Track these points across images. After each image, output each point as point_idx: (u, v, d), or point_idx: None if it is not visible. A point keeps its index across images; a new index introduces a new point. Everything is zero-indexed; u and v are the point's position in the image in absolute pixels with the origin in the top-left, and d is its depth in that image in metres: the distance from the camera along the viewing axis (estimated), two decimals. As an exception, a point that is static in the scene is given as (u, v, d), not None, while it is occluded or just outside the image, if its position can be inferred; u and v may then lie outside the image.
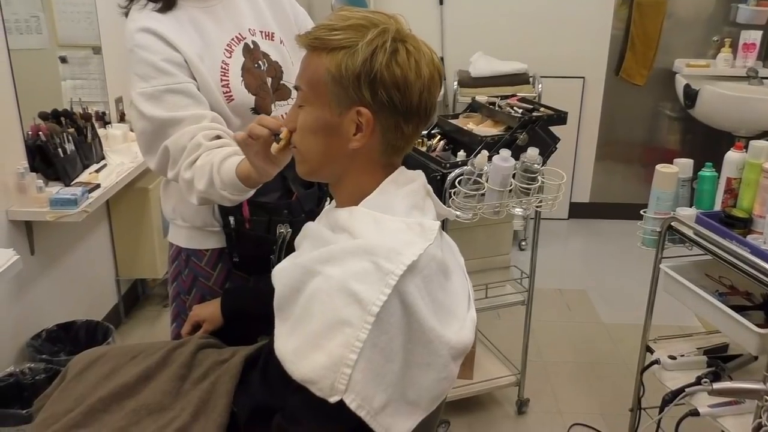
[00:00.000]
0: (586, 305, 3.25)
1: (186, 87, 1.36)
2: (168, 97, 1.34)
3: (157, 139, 1.37)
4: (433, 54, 1.04)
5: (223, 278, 1.55)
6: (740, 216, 1.76)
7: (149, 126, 1.36)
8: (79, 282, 2.59)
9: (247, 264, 1.53)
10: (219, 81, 1.41)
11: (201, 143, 1.32)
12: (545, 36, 3.88)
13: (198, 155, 1.32)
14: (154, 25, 1.36)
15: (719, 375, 1.81)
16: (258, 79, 1.46)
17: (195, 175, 1.32)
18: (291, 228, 1.48)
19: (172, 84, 1.35)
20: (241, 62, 1.44)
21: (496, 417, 2.45)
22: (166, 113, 1.34)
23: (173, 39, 1.36)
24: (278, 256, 1.49)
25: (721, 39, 3.85)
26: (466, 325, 1.07)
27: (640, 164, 4.14)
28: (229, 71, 1.42)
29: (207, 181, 1.30)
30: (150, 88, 1.34)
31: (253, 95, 1.45)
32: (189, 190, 1.35)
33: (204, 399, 1.23)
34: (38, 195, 2.13)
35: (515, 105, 2.26)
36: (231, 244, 1.51)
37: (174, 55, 1.36)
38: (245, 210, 1.47)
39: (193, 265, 1.56)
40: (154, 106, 1.34)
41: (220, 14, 1.45)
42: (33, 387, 2.03)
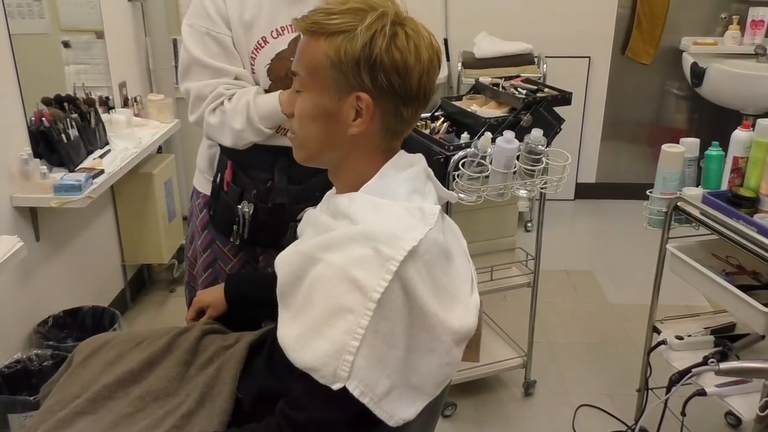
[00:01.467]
0: (592, 286, 3.24)
1: (223, 39, 1.49)
2: (206, 40, 1.49)
3: (187, 71, 1.52)
4: (432, 37, 1.03)
5: (204, 223, 1.72)
6: (747, 195, 1.74)
7: (186, 57, 1.52)
8: (85, 268, 2.60)
9: (217, 222, 1.66)
10: (249, 51, 1.52)
11: (222, 93, 1.49)
12: (550, 15, 3.83)
13: (221, 102, 1.49)
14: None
15: (726, 354, 1.81)
16: (284, 71, 1.52)
17: (226, 117, 1.48)
18: (255, 210, 1.57)
19: (211, 29, 1.49)
20: (280, 49, 1.51)
21: (503, 399, 2.45)
22: (200, 54, 1.49)
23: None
24: (240, 230, 1.60)
25: (729, 16, 3.79)
26: (469, 309, 1.07)
27: (646, 144, 4.11)
28: (263, 49, 1.51)
29: (244, 119, 1.47)
30: (196, 25, 1.50)
31: (271, 81, 1.52)
32: (220, 132, 1.51)
33: (209, 385, 1.24)
34: (42, 181, 2.13)
35: (519, 86, 2.24)
36: (212, 198, 1.66)
37: (222, 8, 1.48)
38: (228, 173, 1.58)
39: (193, 201, 1.76)
40: (195, 42, 1.50)
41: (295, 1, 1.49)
42: (40, 373, 2.05)
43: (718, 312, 2.09)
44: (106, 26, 2.74)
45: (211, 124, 1.52)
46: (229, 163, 1.59)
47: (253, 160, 1.57)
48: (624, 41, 3.91)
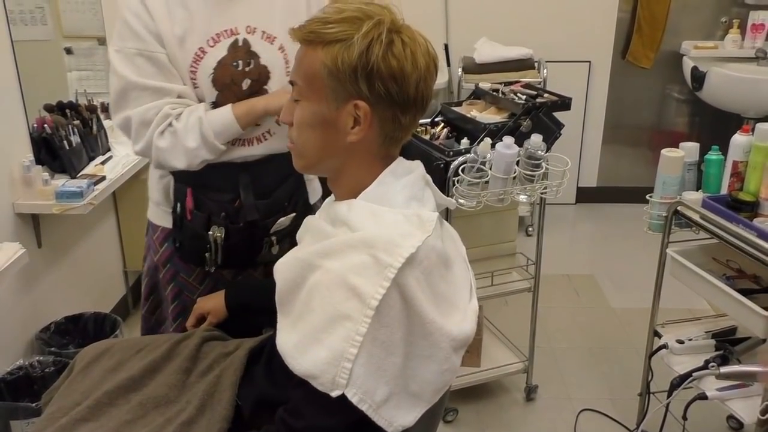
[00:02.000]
0: (594, 290, 3.24)
1: (157, 57, 1.39)
2: (138, 61, 1.38)
3: (123, 99, 1.41)
4: (428, 44, 1.03)
5: (165, 258, 1.61)
6: (747, 199, 1.74)
7: (118, 83, 1.40)
8: (87, 274, 2.61)
9: (186, 253, 1.56)
10: (189, 66, 1.42)
11: (169, 113, 1.39)
12: (550, 20, 3.84)
13: (169, 123, 1.40)
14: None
15: (727, 358, 1.81)
16: (229, 78, 1.44)
17: (179, 137, 1.39)
18: (227, 233, 1.49)
19: (143, 49, 1.38)
20: (220, 56, 1.42)
21: (505, 404, 2.45)
22: (135, 77, 1.39)
23: (155, 11, 1.38)
24: (213, 256, 1.51)
25: (729, 20, 3.79)
26: (467, 315, 1.07)
27: (647, 147, 4.11)
28: (203, 59, 1.42)
29: (198, 136, 1.39)
30: (124, 48, 1.39)
31: (217, 91, 1.44)
32: (171, 155, 1.41)
33: (209, 392, 1.24)
34: (44, 188, 2.14)
35: (519, 91, 2.24)
36: (175, 230, 1.55)
37: (151, 25, 1.38)
38: (189, 202, 1.49)
39: (150, 236, 1.65)
40: (126, 66, 1.39)
41: (220, 4, 1.42)
42: (42, 380, 2.05)
43: (719, 316, 2.09)
44: (108, 33, 2.74)
45: (161, 148, 1.41)
46: (188, 190, 1.49)
47: (213, 182, 1.48)
48: (624, 45, 3.91)
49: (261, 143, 1.51)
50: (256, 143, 1.51)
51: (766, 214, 1.70)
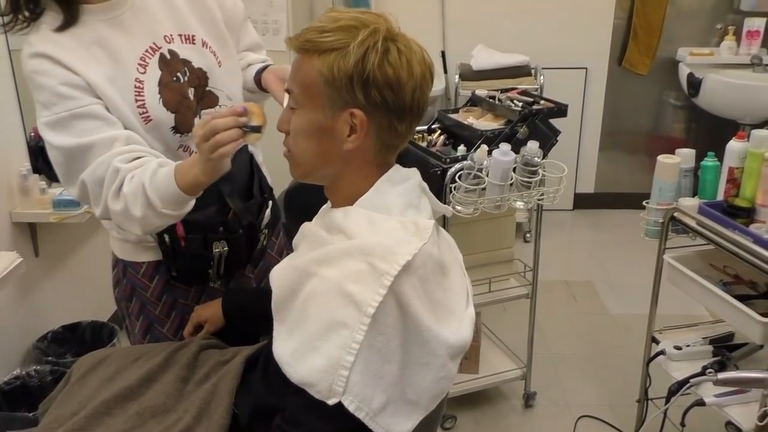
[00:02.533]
0: (592, 296, 3.24)
1: (91, 109, 1.25)
2: (74, 123, 1.24)
3: (72, 168, 1.27)
4: (424, 52, 1.04)
5: (160, 290, 1.49)
6: (743, 205, 1.75)
7: (60, 156, 1.26)
8: (85, 283, 2.60)
9: (185, 278, 1.48)
10: (134, 102, 1.30)
11: (119, 168, 1.23)
12: (547, 27, 3.86)
13: (121, 182, 1.23)
14: (50, 49, 1.23)
15: (725, 364, 1.81)
16: (178, 94, 1.35)
17: (127, 202, 1.23)
18: (228, 244, 1.44)
19: (75, 108, 1.24)
20: (157, 77, 1.32)
21: (503, 411, 2.45)
22: (75, 140, 1.24)
23: (71, 62, 1.24)
24: (216, 271, 1.47)
25: (725, 27, 3.81)
26: (464, 323, 1.07)
27: (644, 153, 4.12)
28: (144, 89, 1.31)
29: (143, 204, 1.22)
30: (53, 116, 1.24)
31: (173, 113, 1.35)
32: (127, 220, 1.26)
33: (206, 400, 1.24)
34: (41, 197, 2.14)
35: (515, 98, 2.25)
36: (168, 260, 1.45)
37: (73, 78, 1.24)
38: (179, 229, 1.40)
39: (130, 276, 1.50)
40: (60, 134, 1.24)
41: (129, 24, 1.31)
42: (40, 389, 2.04)
43: (716, 321, 2.09)
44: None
45: (116, 212, 1.25)
46: None
47: (197, 201, 1.32)
48: (621, 52, 3.93)
49: None
50: None
51: (762, 220, 1.70)
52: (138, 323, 1.54)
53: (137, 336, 1.55)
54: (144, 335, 1.54)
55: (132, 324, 1.55)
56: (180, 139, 1.38)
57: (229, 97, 1.45)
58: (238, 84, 1.50)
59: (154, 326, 1.53)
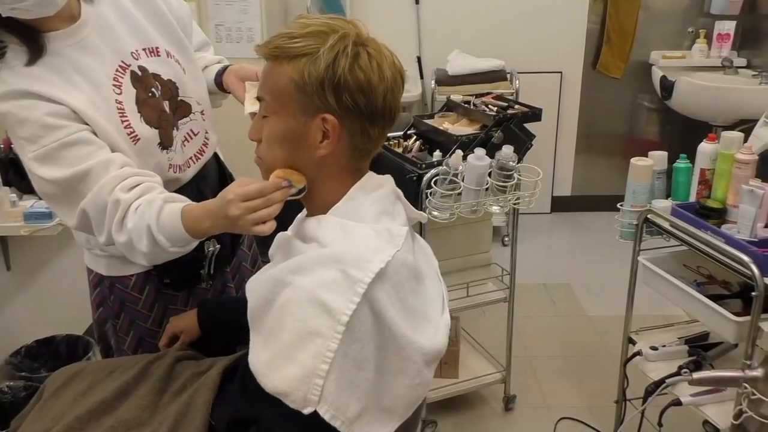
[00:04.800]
0: (570, 299, 3.26)
1: (80, 136, 1.21)
2: (65, 153, 1.20)
3: (69, 198, 1.23)
4: (394, 56, 1.04)
5: (151, 300, 1.48)
6: (714, 206, 1.77)
7: (55, 188, 1.22)
8: (59, 296, 2.56)
9: (178, 282, 1.48)
10: (120, 124, 1.28)
11: (120, 199, 1.20)
12: (521, 32, 3.89)
13: (123, 214, 1.21)
14: (27, 84, 1.19)
15: (700, 364, 1.83)
16: (157, 110, 1.35)
17: (132, 237, 1.20)
18: (219, 243, 1.47)
19: (64, 138, 1.20)
20: (133, 95, 1.31)
21: (484, 415, 2.45)
22: (69, 170, 1.20)
23: (53, 94, 1.20)
24: (208, 270, 1.49)
25: (696, 30, 3.87)
26: (439, 329, 1.07)
27: (620, 156, 4.15)
28: (125, 109, 1.29)
29: (149, 242, 1.20)
30: (41, 149, 1.19)
31: (156, 128, 1.34)
32: (132, 253, 1.24)
33: (182, 412, 1.22)
34: (12, 209, 2.10)
35: (490, 103, 2.26)
36: (159, 268, 1.42)
37: (58, 108, 1.20)
38: None
39: (118, 292, 1.47)
40: (52, 167, 1.20)
41: (96, 45, 1.29)
42: (13, 405, 2.00)
43: (692, 321, 2.11)
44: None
45: (121, 243, 1.22)
46: None
47: None
48: (595, 56, 3.97)
49: (201, 158, 1.49)
50: (200, 157, 1.49)
51: (734, 220, 1.73)
52: (128, 339, 1.51)
53: (127, 353, 1.51)
54: (135, 351, 1.51)
55: (121, 341, 1.52)
56: (167, 156, 1.37)
57: (199, 102, 1.47)
58: (203, 87, 1.51)
59: (145, 340, 1.51)
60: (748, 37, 3.82)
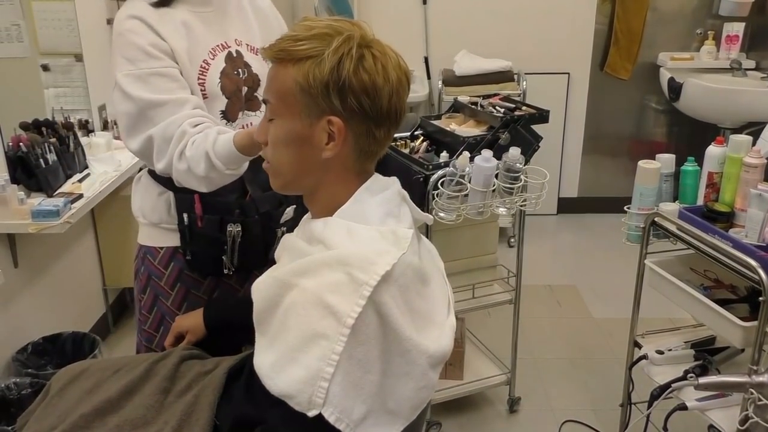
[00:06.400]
0: (576, 301, 3.26)
1: (171, 72, 1.41)
2: (154, 80, 1.39)
3: (140, 121, 1.39)
4: (399, 58, 1.04)
5: (174, 278, 1.55)
6: (722, 210, 1.76)
7: (134, 107, 1.38)
8: (66, 293, 2.58)
9: (200, 263, 1.54)
10: (197, 78, 1.45)
11: (186, 131, 1.37)
12: (529, 33, 3.88)
13: (185, 145, 1.37)
14: (145, 15, 1.41)
15: (706, 368, 1.82)
16: (234, 85, 1.50)
17: (190, 164, 1.36)
18: (242, 228, 1.50)
19: (158, 68, 1.39)
20: (221, 67, 1.49)
21: (488, 417, 2.45)
22: (152, 95, 1.38)
23: (161, 30, 1.41)
24: (230, 257, 1.52)
25: (705, 32, 3.86)
26: (444, 332, 1.07)
27: (627, 158, 4.15)
28: (208, 71, 1.47)
29: (208, 167, 1.35)
30: (137, 71, 1.38)
31: (227, 98, 1.49)
32: (188, 178, 1.39)
33: (187, 412, 1.22)
34: (20, 207, 2.11)
35: (497, 104, 2.26)
36: (184, 242, 1.52)
37: (161, 43, 1.40)
38: (198, 207, 1.49)
39: (148, 264, 1.57)
40: (140, 87, 1.38)
41: (211, 20, 1.50)
42: (19, 402, 2.02)
43: (698, 325, 2.09)
44: (85, 49, 2.73)
45: (180, 170, 1.38)
46: (195, 197, 1.47)
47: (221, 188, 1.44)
48: (602, 57, 3.96)
49: None
50: None
51: (741, 224, 1.72)
52: (150, 318, 1.59)
53: (148, 332, 1.60)
54: (157, 329, 1.59)
55: (144, 319, 1.61)
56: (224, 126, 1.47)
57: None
58: None
59: (165, 319, 1.58)
60: (757, 39, 3.81)
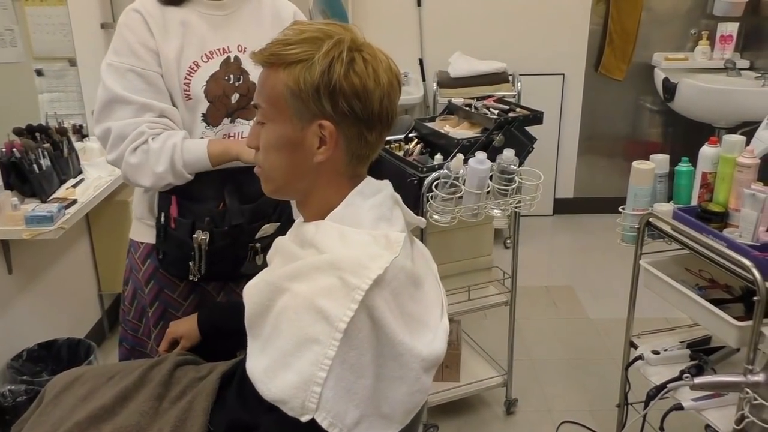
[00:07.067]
0: (572, 301, 3.26)
1: (149, 74, 1.44)
2: (129, 76, 1.43)
3: (106, 110, 1.44)
4: (390, 61, 1.04)
5: (149, 275, 1.60)
6: (716, 210, 1.76)
7: (105, 95, 1.44)
8: (61, 299, 2.57)
9: (170, 264, 1.56)
10: (183, 78, 1.47)
11: (144, 132, 1.42)
12: (523, 34, 3.89)
13: (143, 140, 1.42)
14: (147, 10, 1.45)
15: (702, 368, 1.82)
16: (220, 90, 1.49)
17: (149, 158, 1.42)
18: (211, 237, 1.50)
19: (137, 66, 1.43)
20: (213, 71, 1.49)
21: (485, 418, 2.45)
22: (121, 90, 1.42)
23: (155, 27, 1.44)
24: (197, 264, 1.52)
25: (699, 32, 3.86)
26: (438, 335, 1.07)
27: (622, 158, 4.16)
28: (196, 72, 1.48)
29: (167, 162, 1.42)
30: (118, 62, 1.43)
31: (209, 102, 1.49)
32: (139, 173, 1.44)
33: (181, 418, 1.22)
34: (13, 213, 2.11)
35: (491, 106, 2.26)
36: (159, 240, 1.55)
37: (150, 42, 1.43)
38: (173, 209, 1.51)
39: (131, 257, 1.64)
40: (115, 79, 1.43)
41: (218, 24, 1.51)
42: (14, 409, 2.00)
43: (694, 325, 2.10)
44: (78, 53, 2.73)
45: (131, 164, 1.44)
46: (173, 198, 1.50)
47: (199, 190, 1.50)
48: (597, 58, 3.96)
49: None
50: None
51: (735, 224, 1.72)
52: (132, 309, 1.66)
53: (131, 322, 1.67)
54: (140, 319, 1.65)
55: (127, 310, 1.67)
56: (203, 132, 1.51)
57: None
58: None
59: (146, 311, 1.63)
60: (751, 39, 3.81)
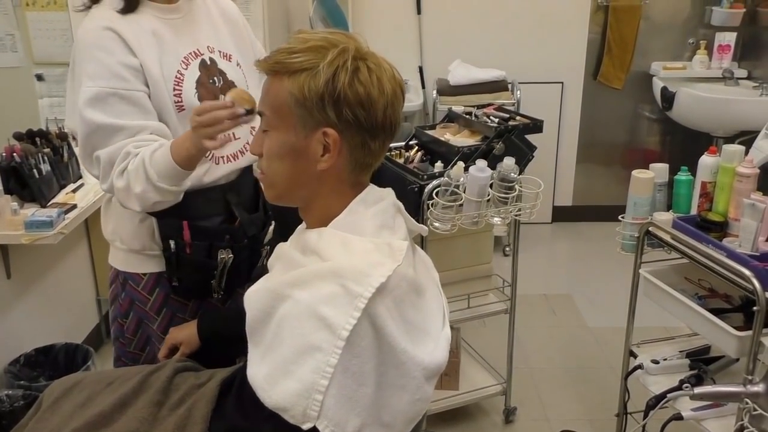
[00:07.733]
0: (571, 310, 3.25)
1: (135, 95, 1.33)
2: (111, 100, 1.30)
3: (91, 142, 1.32)
4: (394, 70, 1.04)
5: (159, 303, 1.52)
6: (716, 219, 1.76)
7: (86, 128, 1.31)
8: (59, 304, 2.56)
9: (186, 288, 1.50)
10: (172, 90, 1.40)
11: (129, 152, 1.31)
12: (523, 42, 3.90)
13: (127, 162, 1.31)
14: (117, 25, 1.33)
15: (702, 378, 1.82)
16: (211, 94, 1.46)
17: (129, 179, 1.31)
18: (233, 253, 1.47)
19: (120, 88, 1.31)
20: (196, 76, 1.44)
21: (484, 427, 2.44)
22: (107, 119, 1.30)
23: (133, 42, 1.34)
24: (219, 282, 1.49)
25: (697, 41, 3.88)
26: (439, 344, 1.07)
27: (621, 166, 4.16)
28: (183, 82, 1.42)
29: (143, 179, 1.29)
30: (96, 88, 1.30)
31: None
32: (127, 197, 1.33)
33: (180, 425, 1.21)
34: (13, 218, 2.10)
35: (491, 114, 2.27)
36: (171, 269, 1.47)
37: (131, 60, 1.33)
38: (186, 234, 1.44)
39: (129, 289, 1.52)
40: (95, 109, 1.30)
41: (180, 28, 1.45)
42: (11, 415, 1.99)
43: (693, 334, 2.09)
44: (79, 59, 2.73)
45: (119, 188, 1.33)
46: (184, 223, 1.43)
47: (201, 209, 1.45)
48: (595, 67, 3.97)
49: (239, 159, 1.52)
50: (233, 160, 1.51)
51: (735, 233, 1.72)
52: (135, 340, 1.56)
53: (132, 353, 1.57)
54: (143, 348, 1.57)
55: (127, 342, 1.57)
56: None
57: None
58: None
59: (152, 341, 1.55)
60: (749, 49, 3.83)
